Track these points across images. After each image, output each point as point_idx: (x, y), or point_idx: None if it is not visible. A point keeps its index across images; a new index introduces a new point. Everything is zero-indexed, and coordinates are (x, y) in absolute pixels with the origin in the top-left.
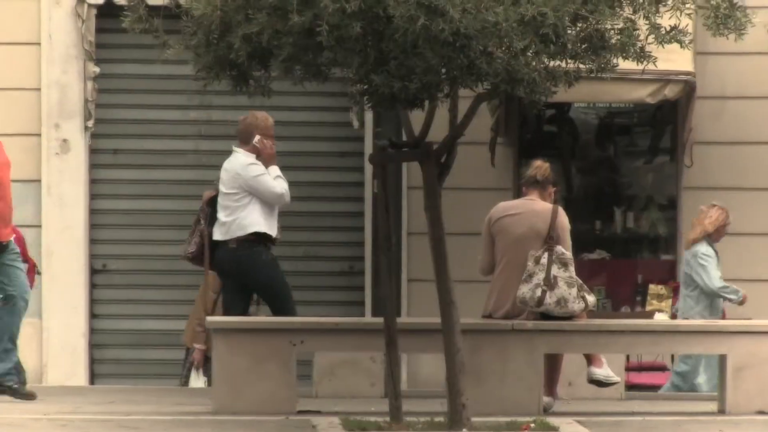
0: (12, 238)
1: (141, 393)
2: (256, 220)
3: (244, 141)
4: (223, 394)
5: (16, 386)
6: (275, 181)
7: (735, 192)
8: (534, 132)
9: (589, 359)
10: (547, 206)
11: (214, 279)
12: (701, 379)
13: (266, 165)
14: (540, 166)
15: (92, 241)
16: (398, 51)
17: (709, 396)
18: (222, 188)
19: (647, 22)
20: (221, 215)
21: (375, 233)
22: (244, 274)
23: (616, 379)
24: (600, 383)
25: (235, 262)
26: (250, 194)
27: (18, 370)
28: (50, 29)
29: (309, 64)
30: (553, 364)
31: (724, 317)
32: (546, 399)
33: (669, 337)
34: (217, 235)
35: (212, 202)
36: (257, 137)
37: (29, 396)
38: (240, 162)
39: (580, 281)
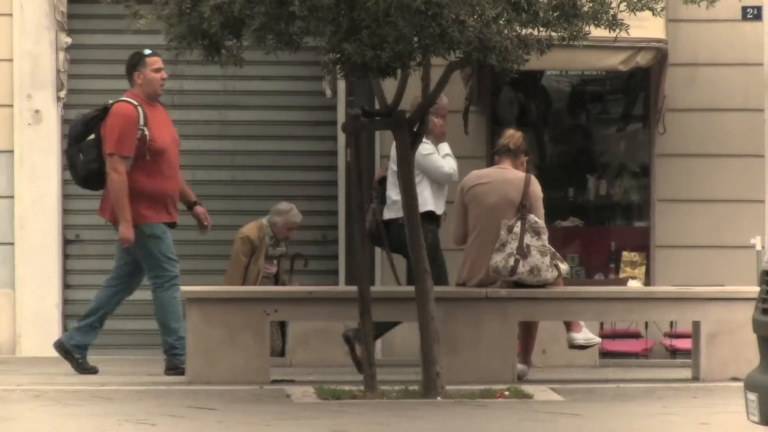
0: None
1: (115, 363)
2: (427, 199)
3: None
4: (198, 364)
5: (81, 360)
6: (444, 160)
7: (707, 159)
8: (507, 100)
9: (568, 325)
10: (519, 175)
11: (243, 244)
12: None
13: (436, 143)
14: (512, 135)
15: (65, 212)
16: (370, 20)
17: (683, 363)
18: (394, 167)
19: None
20: (392, 194)
21: (348, 202)
22: None
23: (597, 340)
24: (582, 347)
25: (405, 240)
26: (421, 173)
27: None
28: (22, 0)
29: (281, 33)
30: (527, 332)
31: None
32: (520, 367)
33: (642, 304)
34: (388, 213)
35: (383, 181)
36: None
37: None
38: None
39: (553, 250)
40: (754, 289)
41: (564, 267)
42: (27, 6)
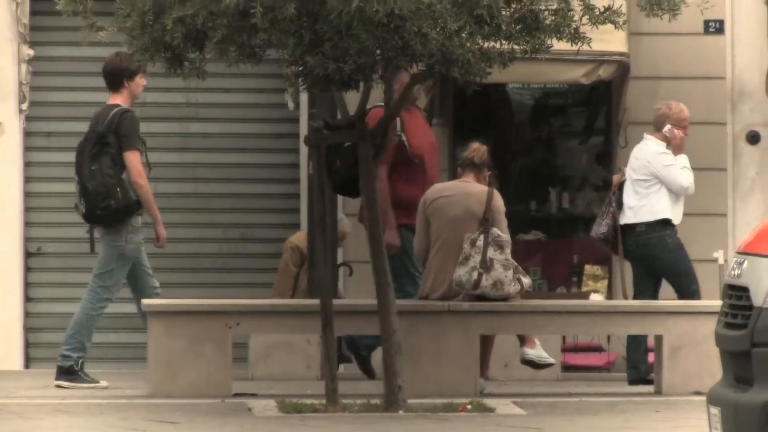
0: None
1: None
2: (665, 207)
3: (657, 129)
4: (159, 377)
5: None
6: (682, 172)
7: None
8: (469, 113)
9: (522, 340)
10: (482, 188)
11: (293, 253)
12: None
13: (675, 153)
14: (478, 149)
15: (27, 224)
16: (333, 32)
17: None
18: (632, 174)
19: (581, 2)
20: (630, 200)
21: (310, 215)
22: (652, 258)
23: (551, 360)
24: (533, 363)
25: (643, 246)
26: (660, 181)
27: None
28: None
29: (243, 45)
30: (484, 345)
31: None
32: (481, 380)
33: (605, 317)
34: (625, 219)
35: (622, 186)
36: (668, 126)
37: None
38: (651, 150)
39: (516, 263)
40: (717, 303)
41: (526, 281)
42: None
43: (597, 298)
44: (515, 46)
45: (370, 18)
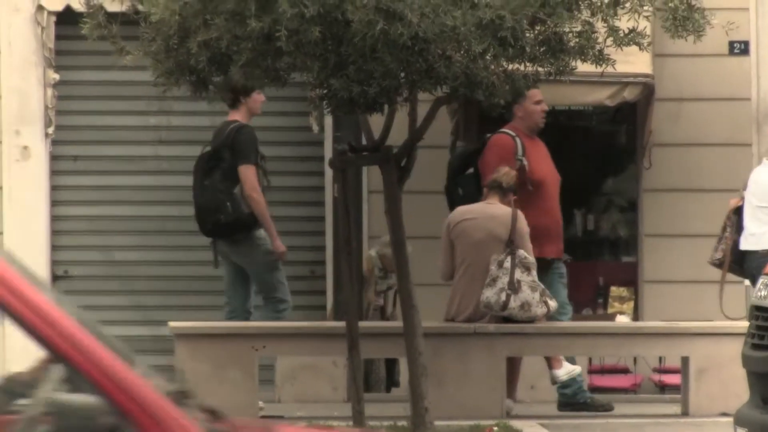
0: None
1: None
2: None
3: None
4: None
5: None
6: None
7: (693, 194)
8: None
9: (549, 362)
10: (505, 210)
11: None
12: None
13: None
14: (507, 173)
15: (54, 248)
16: (357, 55)
17: (672, 398)
18: (752, 200)
19: (605, 24)
20: (752, 226)
21: (336, 237)
22: None
23: (578, 369)
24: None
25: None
26: None
27: None
28: (9, 36)
29: (268, 69)
30: (511, 367)
31: None
32: (507, 402)
33: (631, 339)
34: (746, 245)
35: (738, 211)
36: None
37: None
38: None
39: (542, 286)
40: (743, 324)
41: (553, 304)
42: (15, 42)
43: (623, 320)
44: (539, 68)
45: (395, 41)
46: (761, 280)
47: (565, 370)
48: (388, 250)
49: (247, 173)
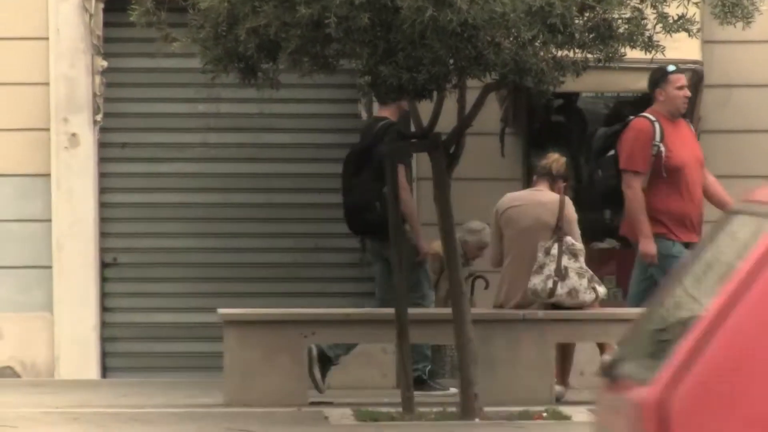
0: None
1: (152, 386)
2: None
3: None
4: (235, 386)
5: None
6: None
7: (741, 180)
8: (542, 122)
9: (602, 348)
10: (553, 197)
11: (433, 260)
12: None
13: None
14: (557, 160)
15: (102, 235)
16: (406, 42)
17: None
18: None
19: (655, 11)
20: None
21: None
22: None
23: None
24: None
25: None
26: None
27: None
28: (58, 23)
29: (317, 56)
30: (564, 353)
31: None
32: (558, 388)
33: None
34: None
35: None
36: None
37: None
38: None
39: (591, 272)
40: None
41: (602, 290)
42: (63, 30)
43: None
44: (588, 55)
45: (444, 27)
46: None
47: None
48: (471, 237)
49: (403, 173)
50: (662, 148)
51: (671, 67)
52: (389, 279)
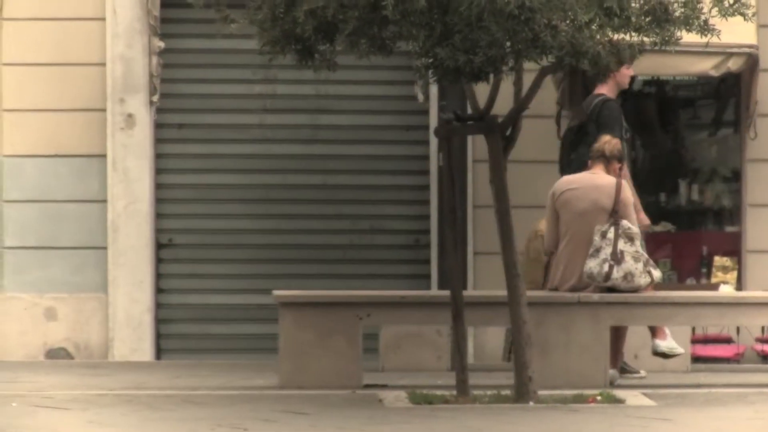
0: None
1: (207, 368)
2: None
3: None
4: (289, 368)
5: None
6: None
7: None
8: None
9: (653, 332)
10: (610, 180)
11: (542, 242)
12: None
13: None
14: (609, 141)
15: (158, 216)
16: (463, 24)
17: None
18: None
19: None
20: None
21: (440, 206)
22: None
23: (680, 350)
24: (664, 355)
25: None
26: None
27: None
28: (115, 4)
29: (374, 37)
30: (616, 336)
31: None
32: (611, 371)
33: (734, 308)
34: None
35: None
36: None
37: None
38: None
39: (647, 256)
40: None
41: (657, 273)
42: (120, 10)
43: (726, 290)
44: (645, 39)
45: (501, 10)
46: None
47: (668, 345)
48: None
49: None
50: None
51: None
52: None
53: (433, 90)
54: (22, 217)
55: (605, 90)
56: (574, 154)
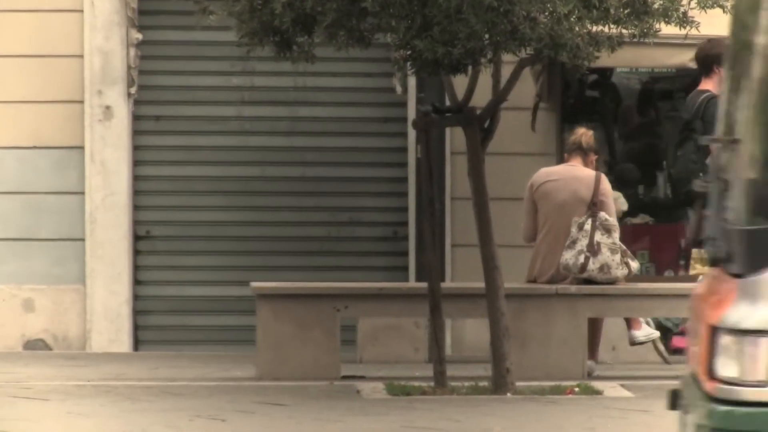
0: None
1: (185, 359)
2: None
3: None
4: (267, 359)
5: None
6: None
7: None
8: (576, 97)
9: (629, 323)
10: (589, 173)
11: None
12: None
13: None
14: (584, 134)
15: (136, 208)
16: (442, 16)
17: None
18: None
19: None
20: None
21: (419, 198)
22: None
23: (656, 333)
24: (643, 344)
25: None
26: None
27: None
28: None
29: (352, 29)
30: (593, 328)
31: None
32: (589, 363)
33: None
34: None
35: None
36: None
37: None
38: None
39: (624, 247)
40: None
41: (635, 265)
42: (98, 2)
43: None
44: (623, 31)
45: (480, 2)
46: None
47: (644, 333)
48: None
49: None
50: None
51: None
52: None
53: (412, 82)
54: (1, 209)
55: (710, 86)
56: (681, 151)
